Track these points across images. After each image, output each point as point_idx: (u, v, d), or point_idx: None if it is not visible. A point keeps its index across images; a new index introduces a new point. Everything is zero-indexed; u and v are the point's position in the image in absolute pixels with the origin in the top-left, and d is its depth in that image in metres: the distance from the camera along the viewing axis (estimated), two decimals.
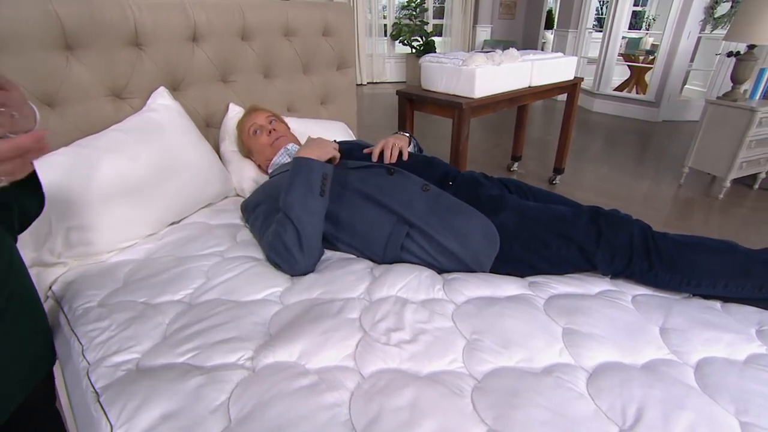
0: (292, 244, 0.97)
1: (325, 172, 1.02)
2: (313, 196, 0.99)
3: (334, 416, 0.62)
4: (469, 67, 1.99)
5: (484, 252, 0.97)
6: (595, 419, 0.62)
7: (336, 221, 1.07)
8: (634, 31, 6.67)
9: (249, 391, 0.66)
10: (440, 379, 0.69)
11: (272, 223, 1.04)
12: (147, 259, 1.07)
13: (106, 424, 0.63)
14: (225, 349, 0.74)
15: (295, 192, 0.99)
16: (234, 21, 1.41)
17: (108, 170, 1.09)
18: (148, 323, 0.83)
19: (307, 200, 0.98)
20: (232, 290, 0.92)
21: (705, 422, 0.61)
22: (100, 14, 1.11)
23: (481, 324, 0.80)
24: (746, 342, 0.77)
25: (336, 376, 0.69)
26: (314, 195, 0.99)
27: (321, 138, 1.14)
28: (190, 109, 1.37)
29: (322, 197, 1.00)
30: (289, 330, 0.77)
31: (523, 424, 0.60)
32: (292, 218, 0.97)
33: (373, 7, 6.51)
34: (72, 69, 1.12)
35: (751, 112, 2.63)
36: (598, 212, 0.96)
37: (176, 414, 0.63)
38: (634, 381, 0.68)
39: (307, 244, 0.97)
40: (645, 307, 0.87)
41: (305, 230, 0.97)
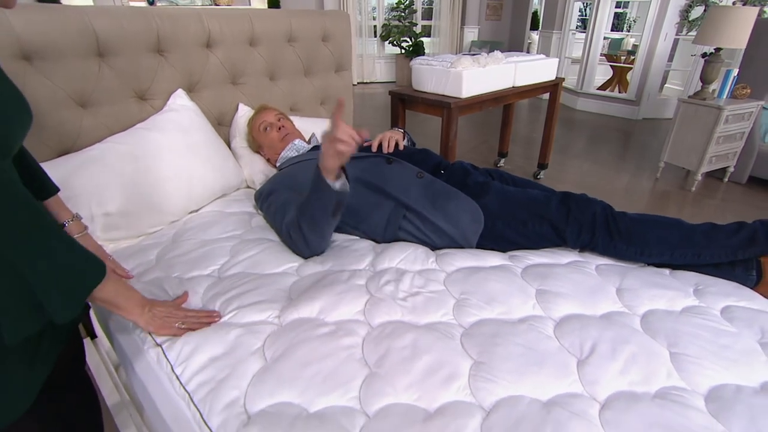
0: (303, 246, 1.09)
1: (339, 200, 1.01)
2: (325, 216, 1.03)
3: (351, 354, 0.77)
4: (456, 69, 2.15)
5: (471, 230, 1.13)
6: (559, 353, 0.78)
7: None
8: (616, 32, 6.91)
9: (280, 339, 0.80)
10: (435, 327, 0.84)
11: (283, 210, 1.18)
12: (174, 242, 1.21)
13: (166, 364, 0.77)
14: (255, 310, 0.89)
15: (311, 208, 1.03)
16: (243, 29, 1.55)
17: (136, 163, 1.23)
18: (187, 292, 0.97)
19: (318, 220, 1.04)
20: (254, 265, 1.07)
21: (644, 352, 0.78)
22: (128, 25, 1.25)
23: (468, 287, 0.96)
24: (684, 297, 0.94)
25: (350, 326, 0.84)
26: (326, 216, 1.03)
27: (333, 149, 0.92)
28: (204, 109, 1.50)
29: (333, 219, 1.05)
30: (308, 293, 0.92)
31: (501, 356, 0.76)
32: (302, 228, 1.06)
33: (363, 8, 6.66)
34: (103, 74, 1.25)
35: (718, 110, 2.84)
36: (567, 195, 1.12)
37: (222, 356, 0.77)
38: (591, 326, 0.84)
39: (314, 246, 1.09)
40: (606, 273, 1.03)
41: (312, 241, 1.08)
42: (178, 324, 0.82)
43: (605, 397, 0.70)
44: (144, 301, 0.80)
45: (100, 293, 0.67)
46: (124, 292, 0.74)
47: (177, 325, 0.82)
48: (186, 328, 0.83)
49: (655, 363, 0.76)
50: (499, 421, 0.65)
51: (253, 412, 0.67)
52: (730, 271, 1.04)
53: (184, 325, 0.83)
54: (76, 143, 1.24)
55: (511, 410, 0.67)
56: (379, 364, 0.75)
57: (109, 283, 0.68)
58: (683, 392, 0.72)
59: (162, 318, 0.81)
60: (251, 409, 0.68)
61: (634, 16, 7.38)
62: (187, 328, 0.83)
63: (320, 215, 1.03)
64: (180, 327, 0.82)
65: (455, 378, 0.73)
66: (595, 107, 5.28)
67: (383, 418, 0.66)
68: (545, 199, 1.12)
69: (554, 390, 0.71)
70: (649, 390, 0.72)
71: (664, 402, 0.69)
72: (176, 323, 0.82)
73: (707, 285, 0.99)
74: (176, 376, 0.75)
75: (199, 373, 0.74)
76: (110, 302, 0.71)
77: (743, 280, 1.02)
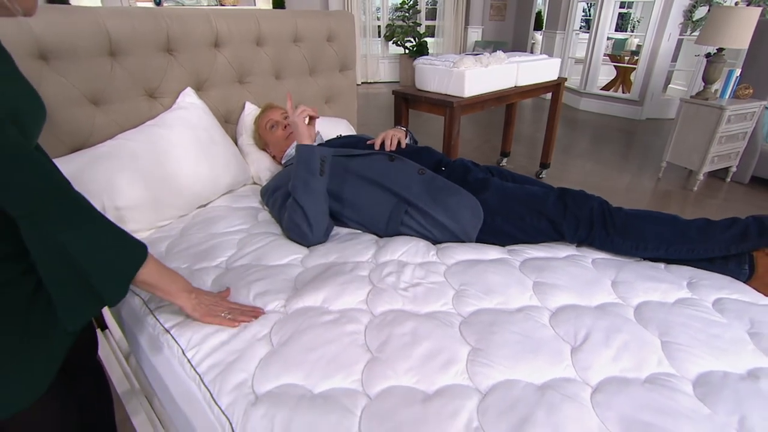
0: (301, 221, 1.15)
1: (323, 155, 1.17)
2: (314, 177, 1.16)
3: (354, 340, 0.81)
4: (459, 69, 2.18)
5: (471, 225, 1.16)
6: (554, 340, 0.81)
7: (344, 202, 1.26)
8: (620, 32, 6.91)
9: (286, 326, 0.84)
10: (435, 316, 0.88)
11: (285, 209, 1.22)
12: (182, 236, 1.25)
13: (177, 349, 0.81)
14: (262, 299, 0.92)
15: (300, 176, 1.16)
16: (250, 29, 1.59)
17: (147, 158, 1.27)
18: (195, 282, 1.00)
19: (309, 182, 1.15)
20: (260, 257, 1.10)
21: (636, 341, 0.81)
22: (140, 25, 1.29)
23: (467, 278, 0.99)
24: (677, 290, 0.97)
25: (353, 314, 0.87)
26: (315, 176, 1.16)
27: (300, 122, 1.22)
28: (212, 107, 1.54)
29: (321, 177, 1.16)
30: (312, 283, 0.96)
31: (498, 343, 0.79)
32: (298, 200, 1.15)
33: (367, 8, 6.69)
34: (115, 73, 1.29)
35: (720, 110, 2.85)
36: (564, 191, 1.15)
37: (230, 342, 0.81)
38: (585, 316, 0.87)
39: (315, 220, 1.15)
40: (602, 267, 1.06)
41: (309, 208, 1.14)
42: (224, 314, 0.84)
43: (597, 382, 0.73)
44: (190, 287, 0.81)
45: (144, 276, 0.70)
46: (168, 276, 0.76)
47: (223, 315, 0.83)
48: (231, 319, 0.84)
49: (647, 351, 0.79)
50: (495, 402, 0.69)
51: (260, 392, 0.71)
52: (724, 265, 1.06)
53: (230, 315, 0.84)
54: (89, 140, 1.29)
55: (506, 393, 0.70)
56: (380, 350, 0.78)
57: (151, 266, 0.71)
58: (672, 378, 0.74)
59: (208, 306, 0.83)
60: (259, 390, 0.71)
61: (638, 17, 7.37)
62: (232, 319, 0.84)
63: (312, 179, 1.15)
64: (226, 317, 0.84)
65: (453, 363, 0.76)
66: (598, 107, 5.30)
67: (384, 399, 0.69)
68: (543, 195, 1.15)
69: (548, 375, 0.74)
70: (640, 376, 0.75)
71: (654, 386, 0.72)
72: (222, 313, 0.84)
73: (701, 278, 1.02)
74: (187, 359, 0.79)
75: (209, 356, 0.78)
76: (154, 285, 0.73)
77: (736, 274, 1.04)
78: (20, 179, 0.55)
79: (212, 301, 0.85)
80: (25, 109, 0.62)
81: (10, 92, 0.58)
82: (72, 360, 0.93)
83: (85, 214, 0.63)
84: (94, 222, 0.63)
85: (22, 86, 0.63)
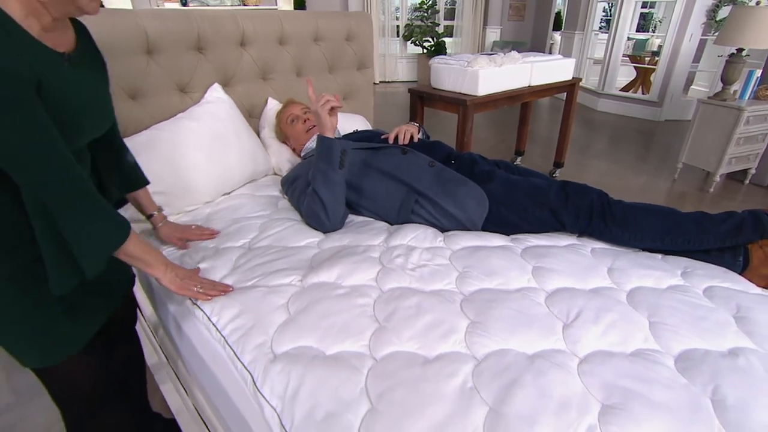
0: (319, 210, 1.23)
1: (343, 149, 1.22)
2: (334, 169, 1.22)
3: (363, 311, 0.89)
4: (473, 68, 2.24)
5: (476, 214, 1.23)
6: (547, 317, 0.88)
7: (359, 191, 1.34)
8: (641, 32, 6.82)
9: (302, 297, 0.93)
10: (438, 293, 0.95)
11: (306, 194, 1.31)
12: (208, 220, 1.35)
13: (203, 315, 0.91)
14: (281, 275, 1.02)
15: (320, 168, 1.23)
16: (274, 29, 1.69)
17: (178, 148, 1.38)
18: (220, 260, 1.10)
19: (328, 174, 1.22)
20: (280, 239, 1.20)
21: (624, 319, 0.87)
22: (173, 26, 1.40)
23: (471, 262, 1.06)
24: (670, 277, 1.02)
25: (364, 290, 0.96)
26: (334, 169, 1.22)
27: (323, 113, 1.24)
28: (237, 102, 1.65)
29: (341, 170, 1.23)
30: (327, 262, 1.05)
31: (495, 317, 0.87)
32: (317, 190, 1.23)
33: (386, 8, 6.78)
34: (151, 69, 1.40)
35: (738, 111, 2.84)
36: (566, 183, 1.21)
37: (250, 309, 0.90)
38: (579, 297, 0.94)
39: (332, 209, 1.23)
40: (600, 255, 1.12)
41: (327, 199, 1.22)
42: (196, 288, 0.91)
43: (585, 354, 0.80)
44: (167, 261, 0.88)
45: (129, 249, 0.76)
46: (148, 251, 0.83)
47: (195, 289, 0.91)
48: (203, 293, 0.92)
49: (634, 328, 0.85)
50: (489, 367, 0.76)
51: (278, 352, 0.80)
52: (720, 257, 1.11)
53: (202, 289, 0.92)
54: (126, 131, 1.40)
55: (499, 360, 0.78)
56: (387, 320, 0.87)
57: (133, 242, 0.77)
58: (656, 353, 0.80)
59: (183, 279, 0.90)
60: (277, 350, 0.80)
61: (661, 17, 7.26)
62: (203, 293, 0.92)
63: (331, 171, 1.21)
64: (198, 291, 0.91)
65: (453, 333, 0.83)
66: (617, 108, 5.26)
67: (388, 362, 0.77)
68: (546, 186, 1.21)
69: (540, 346, 0.81)
70: (625, 350, 0.81)
71: (637, 359, 0.78)
72: (194, 287, 0.91)
73: (695, 268, 1.07)
74: (213, 323, 0.88)
75: (232, 321, 0.87)
76: (138, 258, 0.80)
77: (731, 265, 1.08)
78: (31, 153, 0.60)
79: (186, 275, 0.92)
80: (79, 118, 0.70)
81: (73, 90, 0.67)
82: (112, 329, 1.04)
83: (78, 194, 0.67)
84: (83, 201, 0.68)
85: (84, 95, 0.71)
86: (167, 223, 1.18)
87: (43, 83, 0.61)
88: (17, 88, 0.57)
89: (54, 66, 0.65)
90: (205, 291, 0.93)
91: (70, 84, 0.68)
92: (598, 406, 0.69)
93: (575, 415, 0.67)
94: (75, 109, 0.69)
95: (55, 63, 0.66)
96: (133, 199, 1.09)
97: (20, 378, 1.48)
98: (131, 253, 0.78)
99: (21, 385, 1.47)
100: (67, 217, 0.65)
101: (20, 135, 0.58)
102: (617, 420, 0.67)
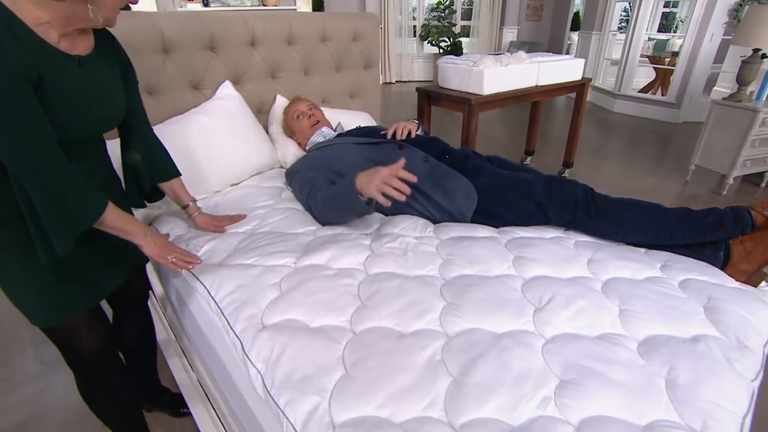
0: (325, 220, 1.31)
1: (365, 214, 1.24)
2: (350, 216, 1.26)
3: (348, 290, 0.96)
4: (478, 68, 2.29)
5: (465, 206, 1.29)
6: (520, 301, 0.94)
7: None
8: (663, 33, 6.69)
9: (293, 277, 1.01)
10: (420, 278, 1.02)
11: (308, 186, 1.38)
12: (216, 207, 1.45)
13: (203, 289, 1.00)
14: (277, 257, 1.10)
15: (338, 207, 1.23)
16: (283, 30, 1.78)
17: (190, 141, 1.48)
18: (223, 243, 1.19)
19: (344, 216, 1.26)
20: (280, 227, 1.28)
21: (594, 306, 0.91)
22: (188, 26, 1.50)
23: (455, 250, 1.12)
24: (648, 270, 1.06)
25: (351, 272, 1.03)
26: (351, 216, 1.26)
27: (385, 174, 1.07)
28: (247, 99, 1.74)
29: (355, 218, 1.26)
30: (320, 246, 1.12)
31: (470, 299, 0.92)
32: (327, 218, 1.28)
33: (403, 8, 6.84)
34: (166, 67, 1.51)
35: (753, 112, 2.79)
36: (552, 178, 1.25)
37: (245, 286, 0.98)
38: (554, 284, 0.98)
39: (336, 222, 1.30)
40: (582, 247, 1.16)
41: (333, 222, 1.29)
42: (171, 257, 0.95)
43: (551, 336, 0.85)
44: (147, 230, 0.90)
45: (108, 222, 0.81)
46: (129, 221, 0.86)
47: (169, 258, 0.94)
48: (175, 263, 0.95)
49: (602, 314, 0.90)
50: (458, 343, 0.82)
51: (267, 324, 0.88)
52: (701, 251, 1.13)
53: (174, 259, 0.95)
54: None
55: (469, 337, 0.83)
56: (369, 299, 0.93)
57: (111, 214, 0.81)
58: (621, 338, 0.85)
59: (161, 247, 0.93)
60: (266, 322, 0.88)
61: (683, 16, 7.09)
62: (176, 263, 0.95)
63: (346, 215, 1.25)
64: (171, 260, 0.94)
65: (429, 312, 0.90)
66: (633, 110, 5.18)
67: (366, 335, 0.84)
68: (532, 180, 1.26)
69: (509, 327, 0.87)
70: (591, 334, 0.86)
71: (601, 342, 0.83)
72: (169, 256, 0.94)
73: (675, 262, 1.10)
74: (212, 297, 0.97)
75: (229, 295, 0.96)
76: (119, 229, 0.84)
77: (712, 260, 1.11)
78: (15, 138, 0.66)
79: (164, 244, 0.95)
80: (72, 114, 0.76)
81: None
82: (123, 302, 1.14)
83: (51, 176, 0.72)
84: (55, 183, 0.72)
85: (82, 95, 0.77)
86: (202, 214, 1.26)
87: (44, 80, 0.69)
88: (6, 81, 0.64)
89: (60, 66, 0.73)
90: (176, 262, 0.96)
91: (76, 82, 0.76)
92: (556, 381, 0.75)
93: (531, 388, 0.72)
94: (75, 104, 0.76)
95: (62, 64, 0.73)
96: (170, 190, 1.18)
97: (46, 350, 1.61)
98: (111, 224, 0.82)
99: (46, 356, 1.59)
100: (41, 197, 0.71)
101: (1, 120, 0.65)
102: (572, 393, 0.72)
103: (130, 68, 0.96)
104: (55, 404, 1.41)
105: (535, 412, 0.69)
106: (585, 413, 0.69)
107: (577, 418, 0.68)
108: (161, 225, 1.34)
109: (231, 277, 1.01)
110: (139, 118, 1.02)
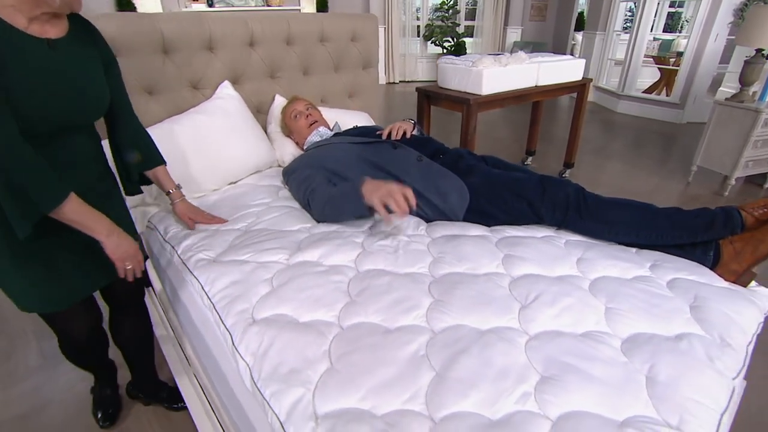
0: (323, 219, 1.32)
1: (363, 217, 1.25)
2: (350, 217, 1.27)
3: (338, 286, 0.98)
4: (477, 68, 2.30)
5: (458, 205, 1.30)
6: (507, 298, 0.95)
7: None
8: (668, 33, 6.64)
9: (285, 273, 1.03)
10: (410, 275, 1.03)
11: (305, 184, 1.40)
12: (214, 206, 1.47)
13: (198, 285, 1.02)
14: (270, 253, 1.12)
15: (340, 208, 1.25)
16: (281, 30, 1.80)
17: (189, 140, 1.51)
18: (218, 239, 1.21)
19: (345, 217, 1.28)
20: (275, 224, 1.30)
21: (580, 304, 0.92)
22: (188, 27, 1.53)
23: (446, 248, 1.14)
24: (637, 269, 1.06)
25: (342, 269, 1.05)
26: (351, 217, 1.27)
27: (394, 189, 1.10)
28: (246, 99, 1.77)
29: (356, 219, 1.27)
30: (314, 243, 1.14)
31: (458, 296, 0.94)
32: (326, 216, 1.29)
33: (407, 8, 6.85)
34: (166, 67, 1.54)
35: (756, 112, 2.77)
36: (544, 177, 1.26)
37: (239, 282, 1.01)
38: (542, 282, 1.00)
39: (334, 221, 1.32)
40: (572, 246, 1.17)
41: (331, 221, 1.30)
42: (128, 264, 0.92)
43: (535, 333, 0.86)
44: (113, 229, 0.88)
45: (65, 214, 0.79)
46: (90, 216, 0.84)
47: (126, 265, 0.92)
48: (130, 270, 0.93)
49: (588, 312, 0.91)
50: (442, 339, 0.83)
51: (257, 318, 0.90)
52: (692, 252, 1.14)
53: (130, 266, 0.93)
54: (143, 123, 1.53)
55: (453, 333, 0.85)
56: (358, 295, 0.95)
57: (72, 206, 0.79)
58: (605, 335, 0.86)
59: (123, 251, 0.90)
60: (256, 316, 0.90)
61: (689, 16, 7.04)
62: (130, 270, 0.93)
63: (345, 216, 1.27)
64: (126, 267, 0.92)
65: (416, 308, 0.91)
66: (637, 110, 5.16)
67: (353, 330, 0.86)
68: (525, 179, 1.27)
69: (494, 324, 0.88)
70: (576, 331, 0.87)
71: (585, 339, 0.84)
72: (127, 263, 0.92)
73: (665, 261, 1.10)
74: (205, 292, 0.99)
75: (222, 290, 0.98)
76: (79, 223, 0.82)
77: (702, 260, 1.12)
78: None
79: (127, 249, 0.91)
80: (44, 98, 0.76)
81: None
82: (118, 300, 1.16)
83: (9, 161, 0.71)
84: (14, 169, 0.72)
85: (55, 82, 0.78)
86: (184, 202, 1.28)
87: (7, 63, 0.71)
88: None
89: (28, 49, 0.74)
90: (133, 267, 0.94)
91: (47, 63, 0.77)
92: (537, 377, 0.76)
93: (512, 383, 0.74)
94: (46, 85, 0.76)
95: (31, 47, 0.75)
96: (154, 177, 1.20)
97: (49, 344, 1.65)
98: (70, 217, 0.80)
99: (49, 350, 1.63)
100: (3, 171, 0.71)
101: None
102: (552, 389, 0.73)
103: (111, 57, 0.96)
104: (57, 397, 1.44)
105: (514, 407, 0.70)
106: (564, 408, 0.70)
107: (555, 413, 0.70)
108: (159, 222, 1.37)
109: (225, 273, 1.03)
110: (124, 108, 1.04)
